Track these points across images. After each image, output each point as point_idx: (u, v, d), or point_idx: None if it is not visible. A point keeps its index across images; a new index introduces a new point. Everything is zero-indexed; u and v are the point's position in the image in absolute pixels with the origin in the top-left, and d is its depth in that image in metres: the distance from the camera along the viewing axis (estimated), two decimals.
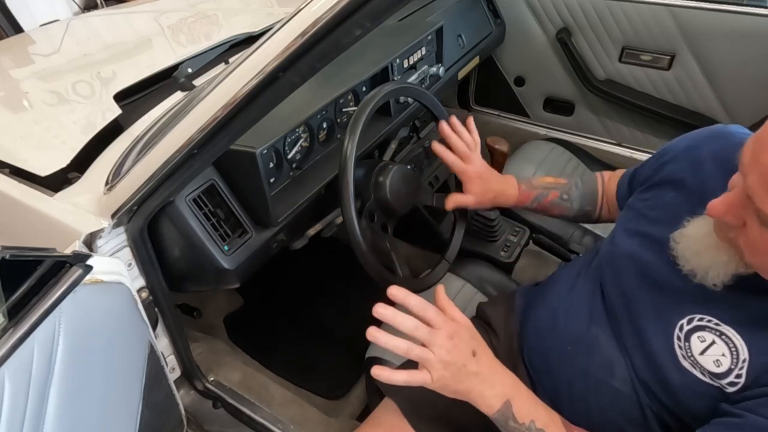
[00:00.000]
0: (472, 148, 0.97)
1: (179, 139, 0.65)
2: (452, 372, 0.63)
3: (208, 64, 1.08)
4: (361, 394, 1.28)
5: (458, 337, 0.65)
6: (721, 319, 0.61)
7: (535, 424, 0.65)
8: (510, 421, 0.65)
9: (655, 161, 0.79)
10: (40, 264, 0.59)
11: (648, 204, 0.75)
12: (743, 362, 0.58)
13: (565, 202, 0.95)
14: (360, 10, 0.51)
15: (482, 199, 0.95)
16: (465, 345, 0.65)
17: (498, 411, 0.65)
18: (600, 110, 1.71)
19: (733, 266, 0.58)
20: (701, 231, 0.62)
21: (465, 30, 1.53)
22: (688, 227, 0.64)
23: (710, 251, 0.60)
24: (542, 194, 0.96)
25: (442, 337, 0.64)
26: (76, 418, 0.65)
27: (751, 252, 0.55)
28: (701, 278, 0.62)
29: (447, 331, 0.64)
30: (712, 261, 0.60)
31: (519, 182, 0.97)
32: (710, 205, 0.56)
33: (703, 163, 0.69)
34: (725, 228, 0.57)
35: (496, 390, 0.65)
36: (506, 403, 0.65)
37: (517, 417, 0.65)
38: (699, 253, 0.61)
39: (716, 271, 0.60)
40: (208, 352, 1.22)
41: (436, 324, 0.65)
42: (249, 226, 0.89)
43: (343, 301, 1.57)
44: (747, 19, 1.34)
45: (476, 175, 0.94)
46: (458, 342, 0.64)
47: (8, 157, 0.94)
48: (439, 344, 0.63)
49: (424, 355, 0.63)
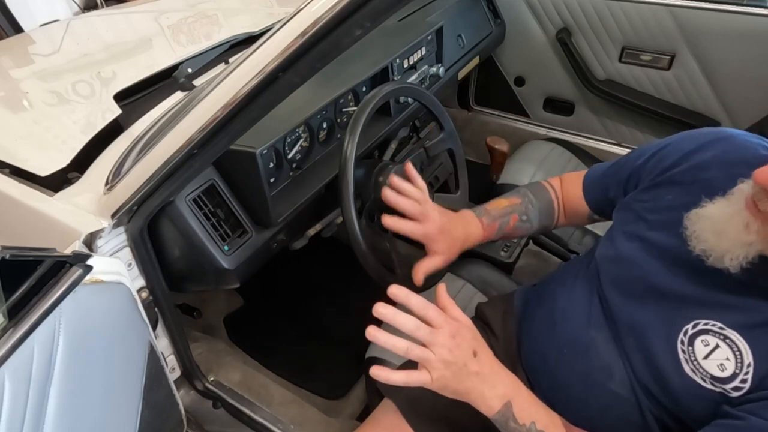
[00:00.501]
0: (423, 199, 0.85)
1: (179, 139, 0.65)
2: (453, 372, 0.63)
3: (208, 64, 1.08)
4: (361, 394, 1.28)
5: (460, 336, 0.65)
6: (725, 323, 0.61)
7: (535, 426, 0.65)
8: (510, 422, 0.65)
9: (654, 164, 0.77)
10: (40, 264, 0.59)
11: (647, 206, 0.74)
12: (748, 367, 0.58)
13: (525, 223, 0.92)
14: (360, 10, 0.51)
15: (450, 255, 0.88)
16: (466, 344, 0.65)
17: (498, 412, 0.65)
18: (600, 110, 1.71)
19: (757, 248, 0.56)
20: (726, 210, 0.60)
21: (465, 30, 1.53)
22: (708, 207, 0.62)
23: (736, 230, 0.57)
24: (504, 222, 0.91)
25: (444, 337, 0.63)
26: (76, 418, 0.65)
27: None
28: (715, 260, 0.60)
29: (448, 331, 0.64)
30: (735, 241, 0.57)
31: (477, 216, 0.91)
32: (758, 172, 0.53)
33: (708, 166, 0.68)
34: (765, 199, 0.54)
35: (497, 390, 0.65)
36: (507, 404, 0.65)
37: (517, 418, 0.65)
38: (721, 232, 0.59)
39: (736, 252, 0.57)
40: (208, 352, 1.22)
41: (437, 323, 0.64)
42: (249, 226, 0.89)
43: (343, 301, 1.57)
44: (747, 19, 1.34)
45: (437, 232, 0.85)
46: (460, 341, 0.64)
47: (8, 157, 0.94)
48: (440, 344, 0.63)
49: (424, 355, 0.63)
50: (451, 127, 1.05)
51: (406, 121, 1.24)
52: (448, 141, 1.05)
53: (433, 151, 1.05)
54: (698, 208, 0.63)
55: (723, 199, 0.61)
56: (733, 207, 0.59)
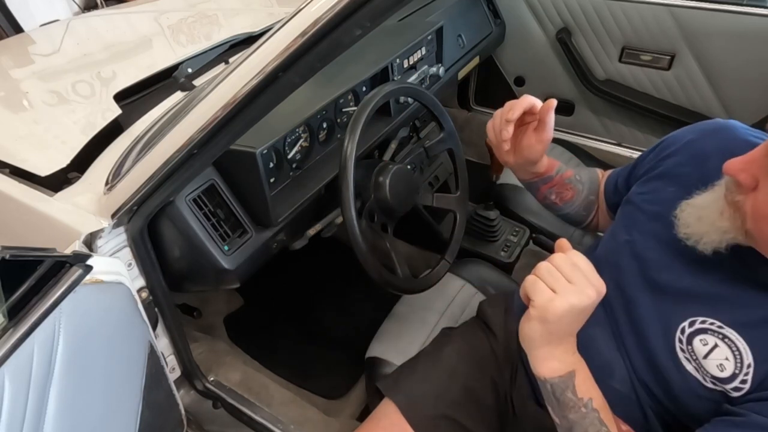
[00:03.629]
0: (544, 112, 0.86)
1: (179, 139, 0.65)
2: (572, 316, 0.60)
3: (208, 64, 1.08)
4: (361, 394, 1.28)
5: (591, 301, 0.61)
6: (723, 322, 0.61)
7: (592, 403, 0.63)
8: (569, 391, 0.63)
9: (655, 155, 0.78)
10: (40, 264, 0.59)
11: (646, 198, 0.74)
12: (748, 367, 0.58)
13: (577, 183, 0.92)
14: (360, 10, 0.51)
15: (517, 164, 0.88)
16: (590, 305, 0.62)
17: (560, 377, 0.63)
18: (600, 110, 1.71)
19: (730, 235, 0.58)
20: (709, 198, 0.62)
21: (465, 30, 1.53)
22: (696, 198, 0.64)
23: (712, 216, 0.59)
24: (562, 167, 0.92)
25: (591, 289, 0.60)
26: (76, 418, 0.65)
27: (754, 217, 0.55)
28: (694, 242, 0.62)
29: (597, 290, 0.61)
30: (711, 227, 0.60)
31: None
32: (728, 163, 0.56)
33: (708, 157, 0.68)
34: (735, 190, 0.57)
35: (568, 357, 0.64)
36: (571, 372, 0.63)
37: (577, 390, 0.63)
38: (701, 217, 0.61)
39: (712, 237, 0.60)
40: (208, 352, 1.22)
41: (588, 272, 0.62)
42: (249, 226, 0.89)
43: (343, 301, 1.57)
44: (747, 19, 1.34)
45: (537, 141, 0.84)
46: (588, 304, 0.61)
47: (8, 157, 0.94)
48: (579, 291, 0.60)
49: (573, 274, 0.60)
50: (451, 127, 1.05)
51: (406, 121, 1.24)
52: (448, 141, 1.05)
53: (433, 151, 1.05)
54: (691, 198, 0.65)
55: (710, 190, 0.63)
56: (715, 194, 0.61)
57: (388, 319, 1.11)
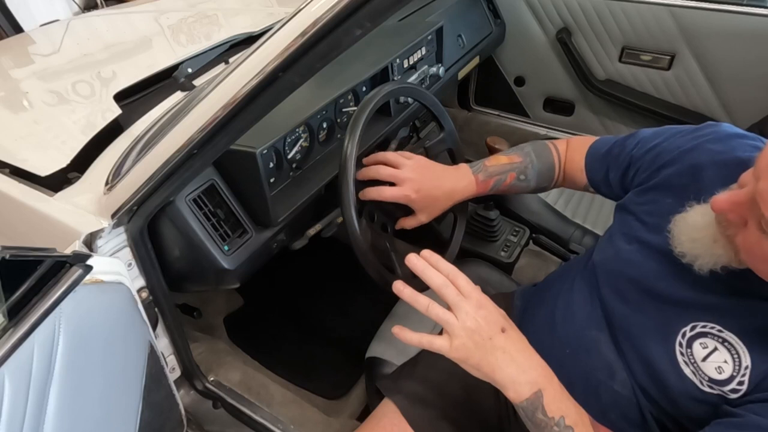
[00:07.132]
0: (397, 162, 0.89)
1: (179, 139, 0.65)
2: (476, 342, 0.59)
3: (208, 64, 1.07)
4: (361, 394, 1.28)
5: (486, 309, 0.61)
6: (723, 326, 0.61)
7: (564, 420, 0.62)
8: (539, 413, 0.61)
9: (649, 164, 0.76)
10: (40, 264, 0.59)
11: (645, 209, 0.73)
12: (745, 369, 0.58)
13: (522, 182, 0.92)
14: (360, 10, 0.51)
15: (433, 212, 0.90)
16: (493, 318, 0.61)
17: (527, 399, 0.61)
18: (600, 110, 1.71)
19: (725, 260, 0.58)
20: (702, 220, 0.61)
21: (465, 30, 1.53)
22: (689, 212, 0.63)
23: (707, 241, 0.59)
24: (500, 180, 0.91)
25: (470, 305, 0.60)
26: (76, 418, 0.65)
27: (746, 252, 0.55)
28: (689, 261, 0.61)
29: (476, 300, 0.60)
30: (706, 251, 0.59)
31: (474, 172, 0.93)
32: (714, 200, 0.54)
33: (703, 168, 0.68)
34: (725, 224, 0.57)
35: (528, 376, 0.61)
36: (537, 393, 0.61)
37: (546, 410, 0.61)
38: (695, 240, 0.61)
39: (706, 260, 0.59)
40: (208, 352, 1.22)
41: (465, 291, 0.61)
42: (249, 226, 0.89)
43: (343, 301, 1.57)
44: (747, 19, 1.34)
45: (414, 192, 0.87)
46: (486, 314, 0.60)
47: (8, 157, 0.94)
48: (465, 310, 0.59)
49: (445, 316, 0.59)
50: (451, 127, 1.05)
51: (406, 121, 1.24)
52: (448, 141, 1.05)
53: (433, 151, 1.05)
54: (684, 211, 0.64)
55: (704, 206, 0.62)
56: (707, 218, 0.60)
57: (388, 319, 1.11)
